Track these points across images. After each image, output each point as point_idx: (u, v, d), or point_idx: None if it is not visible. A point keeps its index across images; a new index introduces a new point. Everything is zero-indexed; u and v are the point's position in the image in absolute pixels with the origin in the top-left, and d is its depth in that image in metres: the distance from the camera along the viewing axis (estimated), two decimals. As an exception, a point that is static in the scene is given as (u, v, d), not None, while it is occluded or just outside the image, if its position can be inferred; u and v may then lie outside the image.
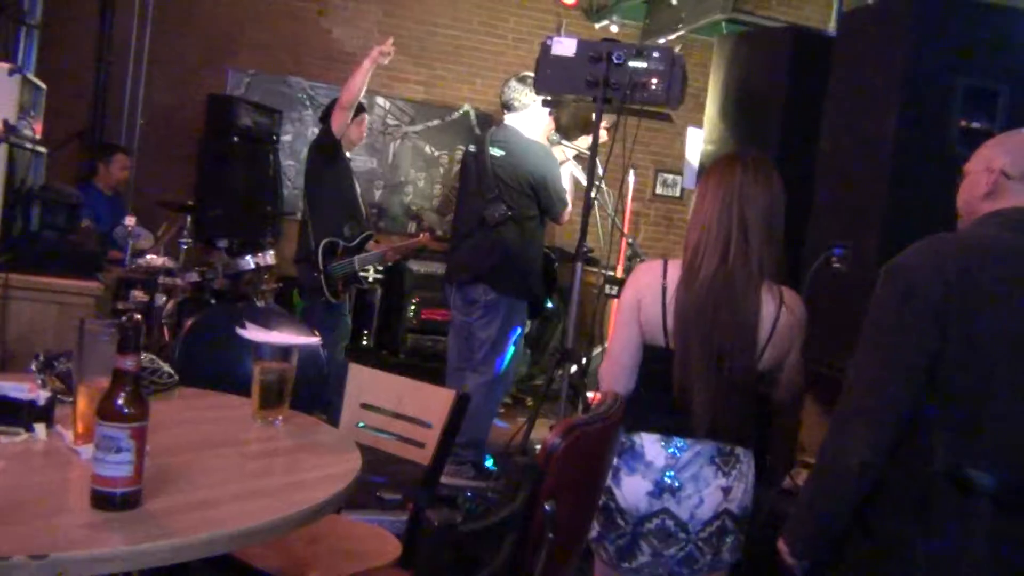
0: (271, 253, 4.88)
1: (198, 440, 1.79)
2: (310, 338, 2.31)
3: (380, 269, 6.60)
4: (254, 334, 1.98)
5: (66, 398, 1.77)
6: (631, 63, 3.31)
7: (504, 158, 4.22)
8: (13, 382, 1.75)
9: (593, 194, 3.55)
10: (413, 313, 6.73)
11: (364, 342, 6.80)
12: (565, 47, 3.39)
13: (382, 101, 7.27)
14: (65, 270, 3.19)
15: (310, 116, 7.00)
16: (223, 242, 4.99)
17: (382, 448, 2.36)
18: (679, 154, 7.52)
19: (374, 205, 7.27)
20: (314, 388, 2.64)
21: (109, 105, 6.56)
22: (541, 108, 4.26)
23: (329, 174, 4.66)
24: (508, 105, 4.35)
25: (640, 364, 2.15)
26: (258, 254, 4.80)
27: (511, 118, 4.35)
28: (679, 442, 2.08)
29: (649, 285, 2.13)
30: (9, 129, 3.13)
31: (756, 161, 2.13)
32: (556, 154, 4.39)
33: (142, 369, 2.02)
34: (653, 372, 2.12)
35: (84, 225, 4.54)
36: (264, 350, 1.95)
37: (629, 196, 5.79)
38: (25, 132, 3.32)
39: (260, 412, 1.93)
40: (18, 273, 3.05)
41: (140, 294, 4.65)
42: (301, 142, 6.91)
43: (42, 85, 3.65)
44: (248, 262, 4.76)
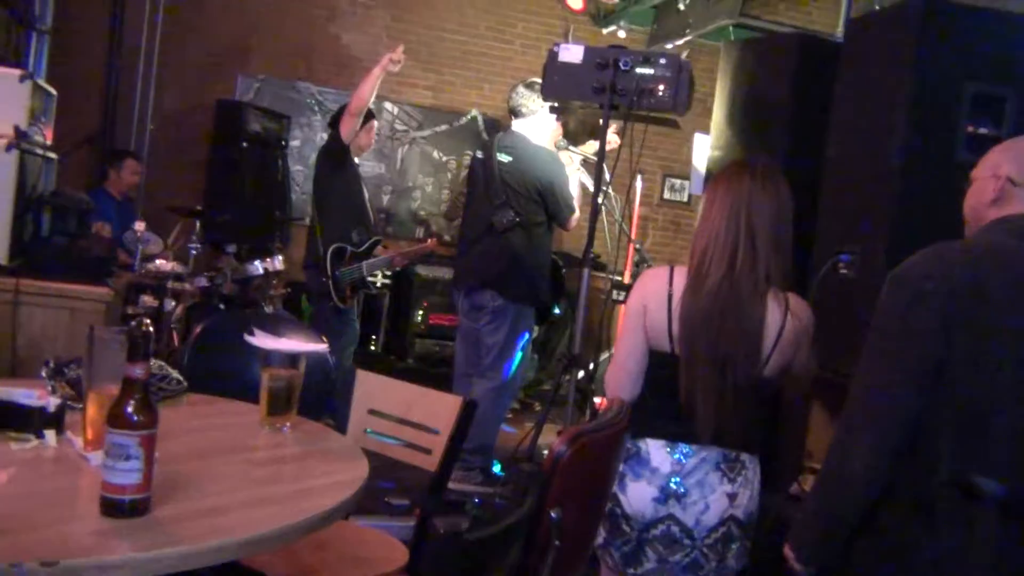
0: (280, 258, 4.90)
1: (206, 447, 1.80)
2: (318, 345, 2.32)
3: (388, 274, 6.62)
4: (262, 341, 1.98)
5: (76, 405, 1.78)
6: (638, 69, 3.31)
7: (512, 164, 4.22)
8: (24, 388, 1.76)
9: (600, 199, 3.55)
10: (421, 318, 6.74)
11: (372, 347, 6.81)
12: (572, 54, 3.40)
13: (390, 106, 7.29)
14: (75, 275, 3.19)
15: (319, 121, 7.03)
16: (232, 247, 5.03)
17: (389, 454, 2.37)
18: (687, 159, 7.50)
19: (382, 210, 7.29)
20: (322, 394, 2.65)
21: (119, 110, 6.60)
22: (548, 114, 4.27)
23: (338, 180, 4.67)
24: (516, 111, 4.35)
25: (646, 370, 2.16)
26: (267, 259, 4.83)
27: (519, 124, 4.35)
28: (685, 448, 2.09)
29: (655, 291, 2.13)
30: (20, 135, 3.15)
31: (765, 169, 2.13)
32: (563, 159, 4.39)
33: (151, 376, 2.04)
34: (659, 378, 2.13)
35: (99, 229, 4.57)
36: (272, 357, 1.96)
37: (637, 201, 5.79)
38: (36, 138, 3.34)
39: (268, 419, 1.94)
40: (29, 279, 3.06)
41: (150, 299, 4.66)
42: (310, 147, 6.94)
43: (53, 91, 3.68)
44: (257, 267, 4.79)
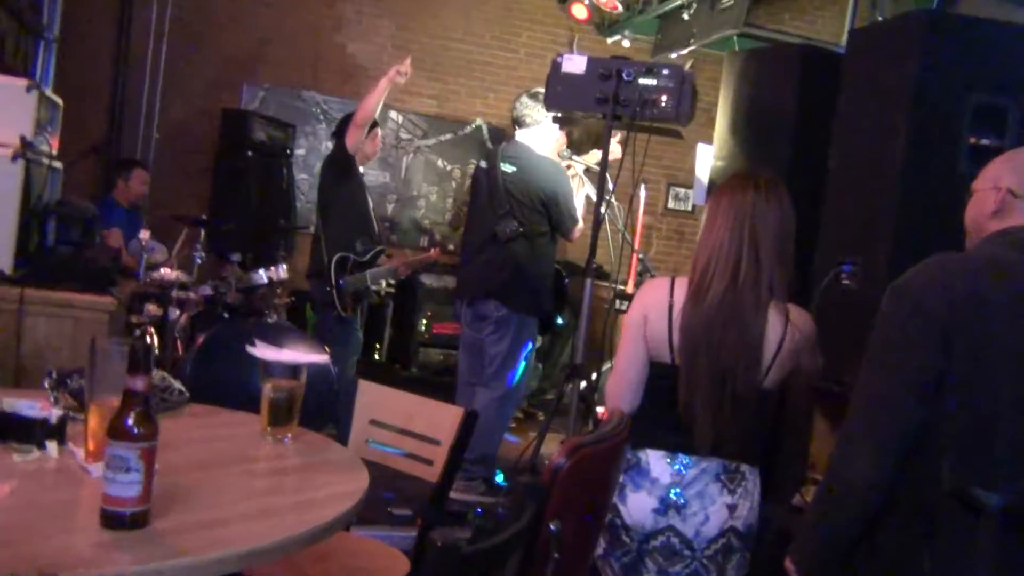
0: (284, 267, 4.91)
1: (207, 458, 1.80)
2: (319, 356, 2.33)
3: (392, 283, 6.62)
4: (264, 352, 1.99)
5: (78, 415, 1.78)
6: (641, 80, 3.32)
7: (516, 174, 4.23)
8: (27, 399, 1.76)
9: (603, 209, 3.56)
10: (425, 327, 6.75)
11: (376, 356, 6.81)
12: (575, 64, 3.41)
13: (395, 115, 7.30)
14: (80, 285, 3.20)
15: (324, 130, 7.05)
16: (236, 256, 5.04)
17: (391, 465, 2.37)
18: (691, 168, 7.50)
19: (386, 219, 7.29)
20: (324, 403, 2.66)
21: (125, 119, 6.63)
22: (552, 124, 4.28)
23: (342, 189, 4.68)
24: (520, 121, 4.35)
25: (646, 381, 2.16)
26: (271, 268, 4.84)
27: (522, 134, 4.35)
28: (685, 459, 2.09)
29: (655, 302, 2.14)
30: (26, 145, 3.16)
31: (768, 181, 2.13)
32: (566, 168, 4.39)
33: (153, 387, 2.05)
34: (659, 389, 2.13)
35: (109, 236, 4.58)
36: (273, 368, 1.96)
37: (640, 211, 5.79)
38: (42, 147, 3.36)
39: (269, 430, 1.94)
40: (33, 288, 3.07)
41: (154, 308, 4.68)
42: (315, 156, 6.96)
43: (59, 101, 3.70)
44: (261, 276, 4.80)
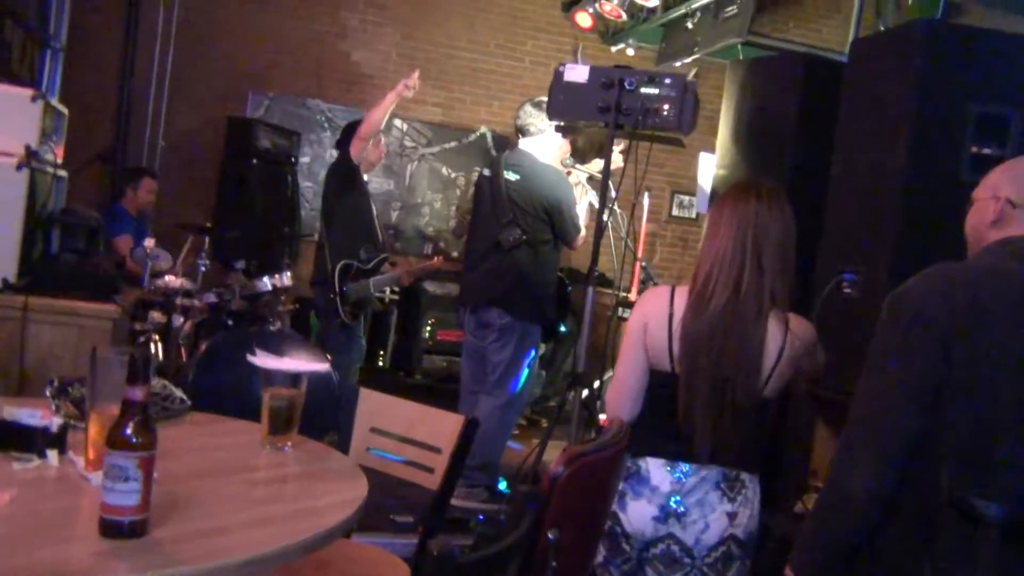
0: (288, 274, 4.92)
1: (207, 467, 1.81)
2: (319, 364, 2.33)
3: (396, 290, 6.65)
4: (264, 361, 2.00)
5: (80, 424, 1.78)
6: (643, 89, 3.33)
7: (519, 182, 4.23)
8: (29, 408, 1.77)
9: (606, 217, 3.56)
10: (429, 334, 6.76)
11: (380, 363, 6.83)
12: (577, 73, 3.42)
13: (399, 123, 7.32)
14: (84, 293, 3.21)
15: (328, 138, 7.07)
16: (241, 263, 5.05)
17: (392, 473, 2.38)
18: (695, 175, 7.51)
19: (391, 227, 7.31)
20: (326, 411, 2.67)
21: (131, 127, 6.66)
22: (555, 133, 4.29)
23: (347, 198, 4.70)
24: (523, 130, 4.35)
25: (646, 389, 2.16)
26: (275, 275, 4.85)
27: (526, 142, 4.36)
28: (685, 467, 2.09)
29: (656, 311, 2.14)
30: (31, 154, 3.18)
31: (770, 191, 2.14)
32: (569, 177, 4.40)
33: (154, 395, 2.06)
34: (659, 397, 2.14)
35: (120, 243, 4.59)
36: (274, 376, 1.97)
37: (644, 218, 5.79)
38: (46, 156, 3.38)
39: (269, 438, 1.94)
40: (37, 296, 3.08)
41: (158, 315, 4.69)
42: (319, 164, 6.98)
43: (64, 110, 3.72)
44: (265, 283, 4.81)
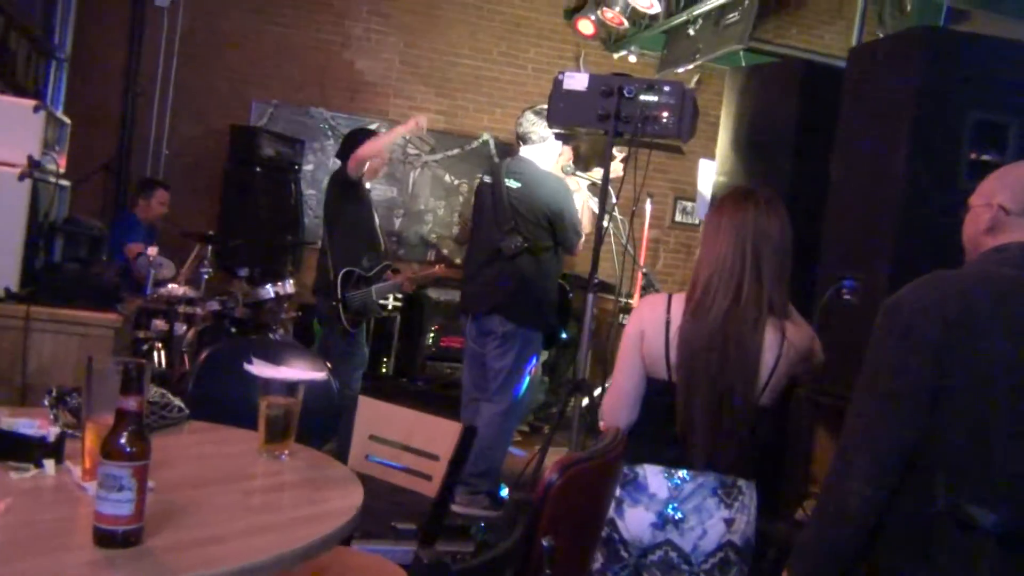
0: (291, 282, 4.95)
1: (204, 475, 1.82)
2: (316, 373, 2.34)
3: (399, 297, 6.66)
4: (261, 370, 2.01)
5: (77, 433, 1.79)
6: (642, 97, 3.34)
7: (520, 190, 4.24)
8: (27, 417, 1.78)
9: (606, 223, 3.57)
10: (432, 341, 6.77)
11: (384, 369, 6.83)
12: (577, 81, 3.43)
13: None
14: (86, 302, 3.22)
15: (332, 146, 7.08)
16: (244, 271, 5.07)
17: (391, 480, 2.38)
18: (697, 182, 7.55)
19: (393, 233, 7.33)
20: (326, 419, 2.68)
21: (135, 136, 6.69)
22: (556, 140, 4.30)
23: (348, 207, 4.71)
24: (525, 138, 4.35)
25: (643, 397, 2.17)
26: (278, 283, 4.88)
27: (527, 150, 4.36)
28: (682, 474, 2.09)
29: (652, 319, 2.15)
30: (33, 164, 3.19)
31: (768, 198, 2.14)
32: (570, 185, 4.41)
33: (152, 403, 2.07)
34: (656, 405, 2.14)
35: (132, 250, 4.61)
36: (271, 385, 1.98)
37: (646, 225, 5.80)
38: (49, 166, 3.39)
39: (266, 447, 1.95)
40: (39, 305, 3.09)
41: (161, 323, 4.71)
42: (323, 171, 7.00)
43: (66, 120, 3.73)
44: (268, 291, 4.84)
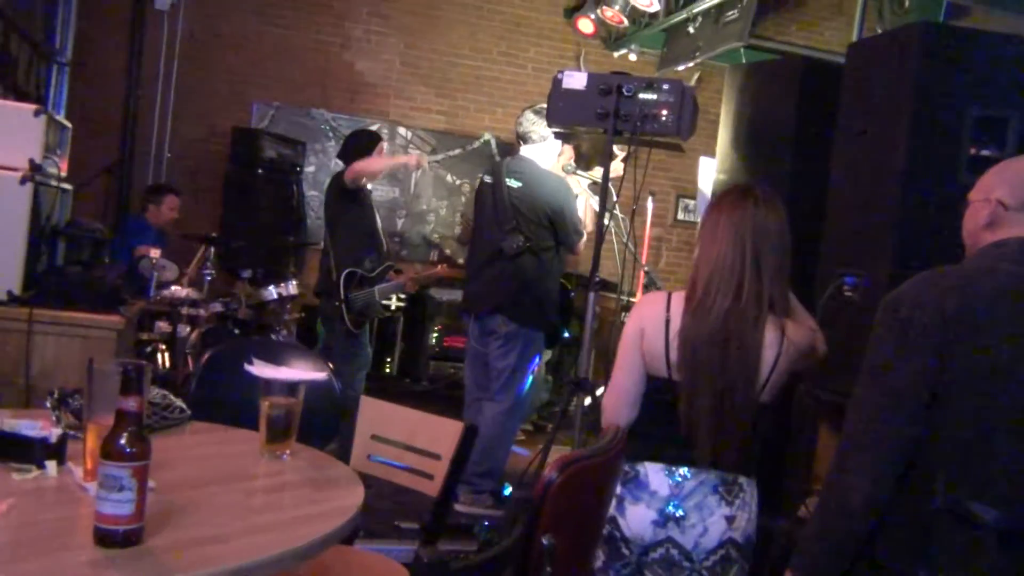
0: (294, 283, 4.95)
1: (205, 476, 1.82)
2: (316, 373, 2.35)
3: (402, 297, 6.67)
4: (261, 370, 2.01)
5: (79, 434, 1.80)
6: (641, 95, 3.34)
7: (521, 189, 4.24)
8: (30, 419, 1.79)
9: (607, 221, 3.57)
10: (435, 341, 6.78)
11: (387, 370, 6.85)
12: (576, 80, 3.43)
13: (404, 131, 7.35)
14: (89, 304, 3.23)
15: (333, 147, 7.09)
16: (247, 272, 5.08)
17: (394, 480, 2.39)
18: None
19: (396, 234, 7.33)
20: (328, 419, 2.68)
21: (137, 139, 6.71)
22: (556, 140, 4.30)
23: (349, 208, 4.72)
24: (525, 137, 4.35)
25: (643, 395, 2.17)
26: (281, 284, 4.89)
27: (527, 149, 4.37)
28: (683, 471, 2.09)
29: (652, 316, 2.15)
30: (34, 168, 3.21)
31: (766, 196, 2.14)
32: (571, 183, 4.41)
33: (154, 404, 2.07)
34: (656, 403, 2.14)
35: (144, 252, 4.62)
36: (272, 385, 1.98)
37: (648, 223, 5.80)
38: (50, 170, 3.40)
39: (267, 447, 1.96)
40: (42, 308, 3.10)
41: (164, 325, 4.72)
42: (324, 173, 7.00)
43: (68, 124, 3.74)
44: (271, 292, 4.85)
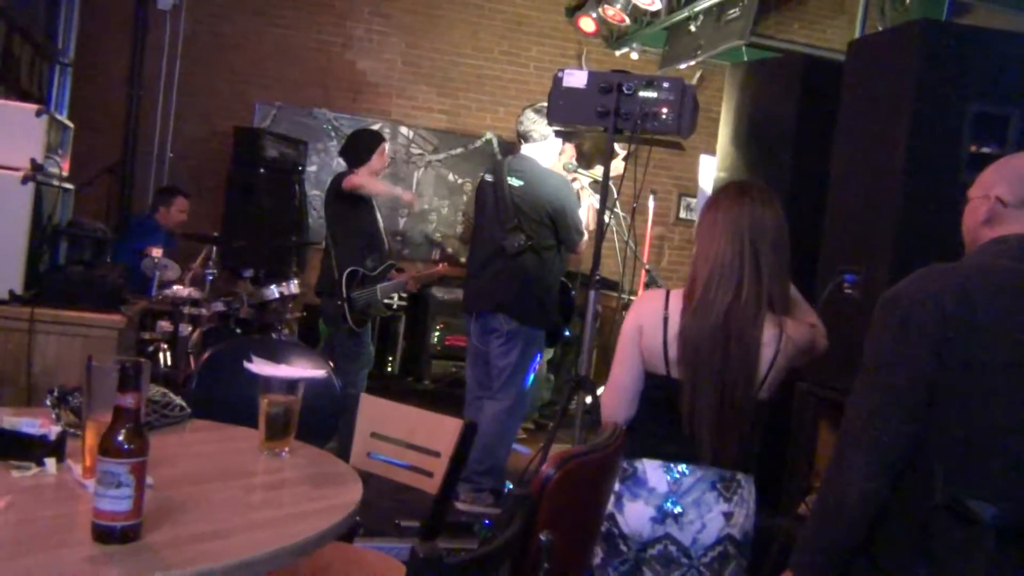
0: (295, 282, 4.96)
1: (204, 473, 1.83)
2: (316, 371, 2.35)
3: (404, 296, 6.67)
4: (260, 368, 2.02)
5: (79, 432, 1.81)
6: (641, 93, 3.34)
7: (523, 188, 4.24)
8: (30, 417, 1.80)
9: (608, 220, 3.57)
10: (437, 339, 6.78)
11: (389, 368, 6.85)
12: (576, 79, 3.43)
13: (405, 130, 7.36)
14: (90, 304, 3.24)
15: (335, 147, 7.10)
16: (249, 272, 5.09)
17: (394, 478, 2.39)
18: (701, 178, 7.53)
19: (398, 233, 7.34)
20: (330, 417, 2.68)
21: (139, 139, 6.73)
22: (557, 138, 4.30)
23: (350, 208, 4.73)
24: (526, 136, 4.35)
25: (641, 392, 2.17)
26: (283, 283, 4.90)
27: (528, 148, 4.37)
28: (681, 468, 2.10)
29: (651, 313, 2.15)
30: (36, 168, 3.22)
31: (763, 194, 2.15)
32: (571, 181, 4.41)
33: (153, 402, 2.08)
34: (654, 400, 2.15)
35: (151, 252, 4.64)
36: (271, 383, 1.99)
37: (649, 221, 5.80)
38: (52, 170, 3.41)
39: (266, 444, 1.96)
40: (44, 307, 3.12)
41: (166, 324, 4.72)
42: (326, 172, 7.01)
43: (69, 124, 3.75)
44: (273, 291, 4.86)
